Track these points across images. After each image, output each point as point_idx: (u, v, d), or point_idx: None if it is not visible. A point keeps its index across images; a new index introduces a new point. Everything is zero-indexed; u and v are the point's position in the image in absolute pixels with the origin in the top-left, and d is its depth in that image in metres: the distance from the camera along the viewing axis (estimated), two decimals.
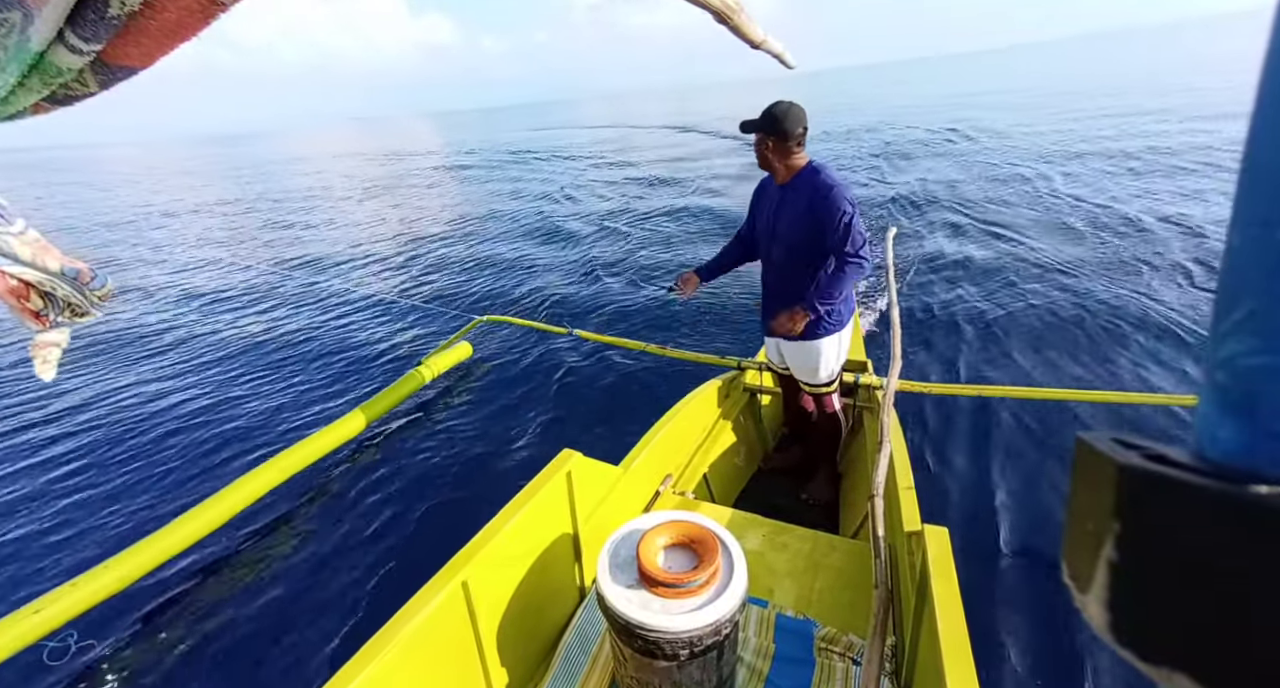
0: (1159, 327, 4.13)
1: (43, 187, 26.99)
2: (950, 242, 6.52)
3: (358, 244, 9.05)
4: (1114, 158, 9.77)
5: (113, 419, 4.07)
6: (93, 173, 34.98)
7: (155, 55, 0.36)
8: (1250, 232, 0.18)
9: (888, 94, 37.77)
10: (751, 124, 2.06)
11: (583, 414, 3.70)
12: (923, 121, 18.36)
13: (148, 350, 5.35)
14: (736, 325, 4.85)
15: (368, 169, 23.26)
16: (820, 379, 2.31)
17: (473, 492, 3.03)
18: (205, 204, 15.99)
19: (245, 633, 2.30)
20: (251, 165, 30.74)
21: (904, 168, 11.07)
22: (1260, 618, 0.15)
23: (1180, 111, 13.67)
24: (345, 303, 6.16)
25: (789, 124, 1.98)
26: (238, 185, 20.60)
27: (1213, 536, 0.16)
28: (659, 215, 9.12)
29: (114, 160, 51.72)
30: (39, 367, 0.70)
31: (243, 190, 18.92)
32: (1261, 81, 0.17)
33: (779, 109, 2.00)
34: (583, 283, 6.32)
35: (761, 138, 2.05)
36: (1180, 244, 5.71)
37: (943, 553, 1.26)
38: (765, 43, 0.55)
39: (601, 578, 1.16)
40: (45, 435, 3.91)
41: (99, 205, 17.58)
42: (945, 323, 4.53)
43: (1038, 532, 2.46)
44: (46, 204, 19.10)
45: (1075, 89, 24.27)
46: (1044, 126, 14.28)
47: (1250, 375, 0.17)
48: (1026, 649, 2.00)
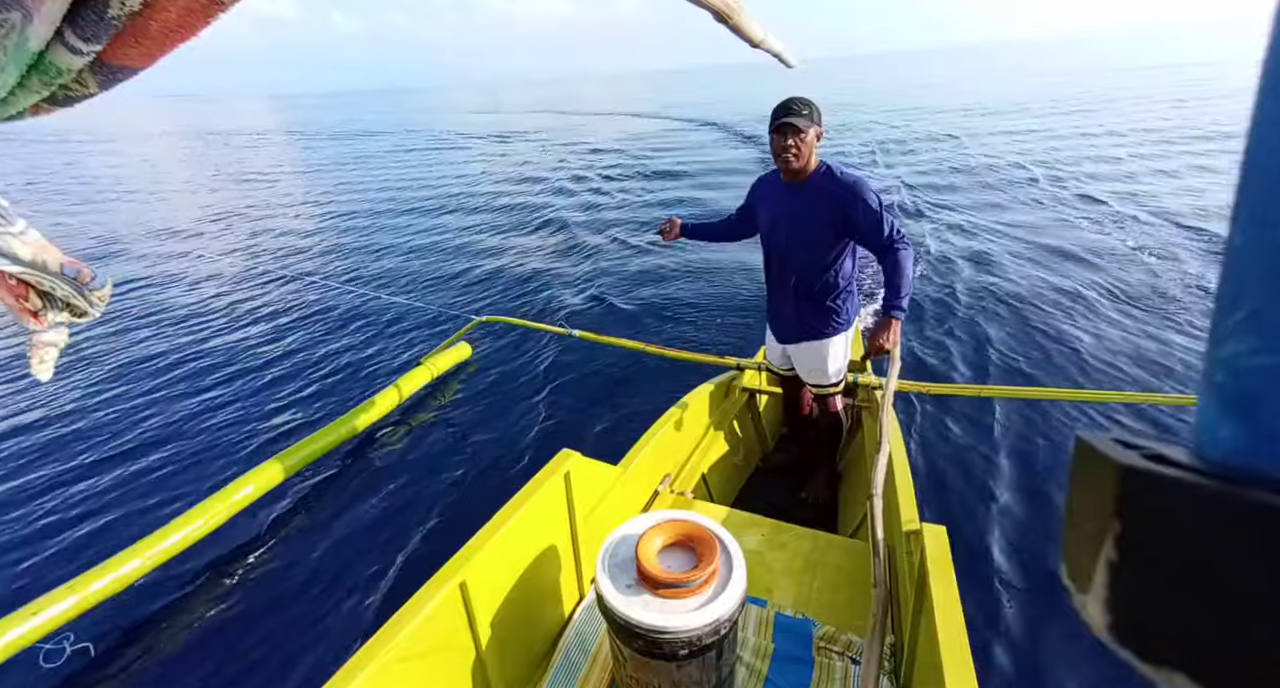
0: (1159, 327, 4.14)
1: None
2: (949, 242, 6.53)
3: (354, 243, 9.05)
4: (1110, 161, 9.79)
5: (111, 419, 4.06)
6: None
7: (155, 55, 0.36)
8: (1250, 232, 0.18)
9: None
10: (801, 119, 1.90)
11: (581, 414, 3.70)
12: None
13: (145, 350, 5.34)
14: (736, 326, 4.85)
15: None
16: (828, 379, 2.30)
17: (471, 492, 3.02)
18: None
19: (243, 635, 2.29)
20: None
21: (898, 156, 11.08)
22: (1260, 618, 0.15)
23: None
24: (344, 303, 6.15)
25: (820, 119, 1.96)
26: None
27: (1213, 536, 0.16)
28: (657, 209, 9.12)
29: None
30: (35, 366, 0.70)
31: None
32: (1261, 82, 0.17)
33: (810, 101, 1.94)
34: (582, 283, 6.31)
35: (818, 130, 1.95)
36: (1180, 244, 5.73)
37: (941, 552, 1.26)
38: (764, 42, 0.56)
39: (600, 578, 1.16)
40: (45, 435, 3.90)
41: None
42: (945, 323, 4.53)
43: (1036, 532, 2.47)
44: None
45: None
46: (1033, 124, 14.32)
47: (1250, 375, 0.17)
48: (1025, 648, 2.00)
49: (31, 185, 14.94)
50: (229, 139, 28.29)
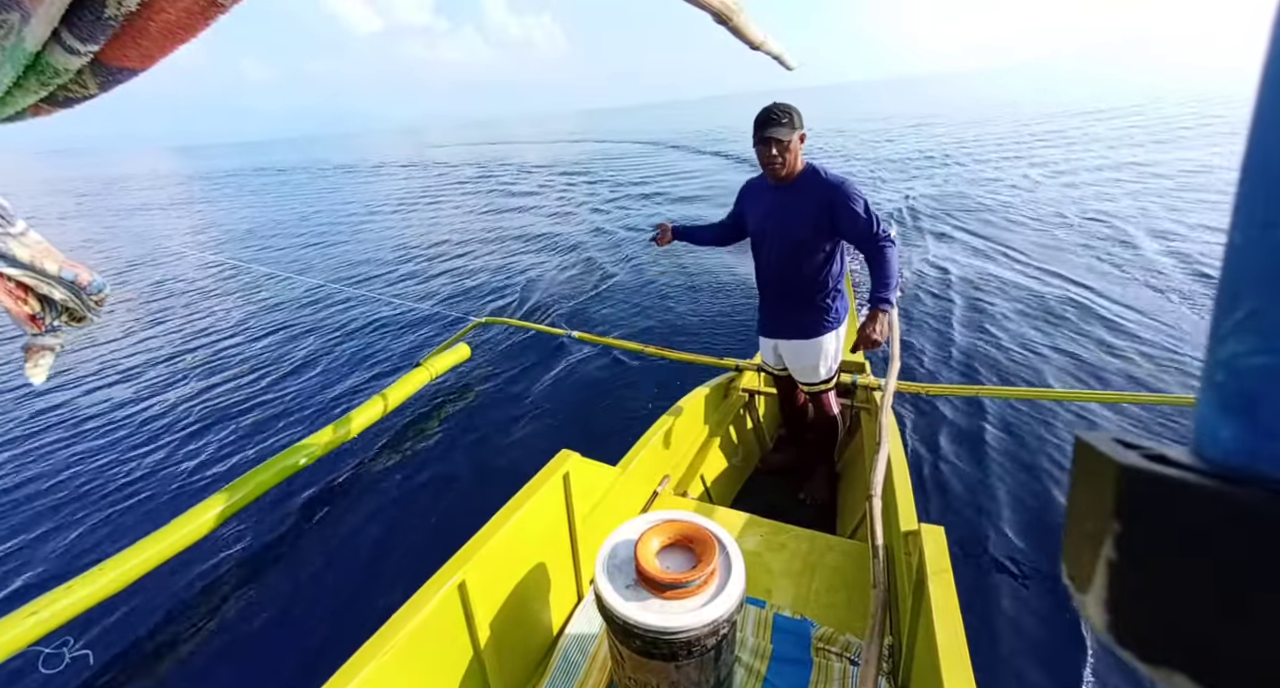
0: (1159, 327, 4.15)
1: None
2: (947, 243, 6.54)
3: (358, 248, 9.05)
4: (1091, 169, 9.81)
5: (110, 420, 4.05)
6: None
7: (155, 56, 0.36)
8: (1250, 232, 0.18)
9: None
10: (786, 126, 1.98)
11: (580, 415, 3.70)
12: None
13: (144, 351, 5.33)
14: (734, 327, 4.86)
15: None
16: (820, 377, 2.31)
17: (470, 492, 3.02)
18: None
19: (241, 635, 2.29)
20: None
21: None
22: (1260, 618, 0.15)
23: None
24: (343, 305, 6.15)
25: (801, 122, 2.01)
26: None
27: (1212, 535, 0.16)
28: (645, 213, 9.13)
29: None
30: (30, 370, 0.69)
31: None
32: (1262, 82, 0.17)
33: (791, 107, 1.98)
34: (581, 285, 6.31)
35: (801, 134, 2.01)
36: (1180, 244, 5.74)
37: (940, 553, 1.26)
38: (765, 44, 0.56)
39: (599, 578, 1.16)
40: (43, 437, 3.89)
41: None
42: (943, 323, 4.54)
43: (1035, 532, 2.47)
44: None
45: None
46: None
47: (1250, 375, 0.17)
48: (1024, 649, 2.00)
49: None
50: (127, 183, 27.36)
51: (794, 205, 2.07)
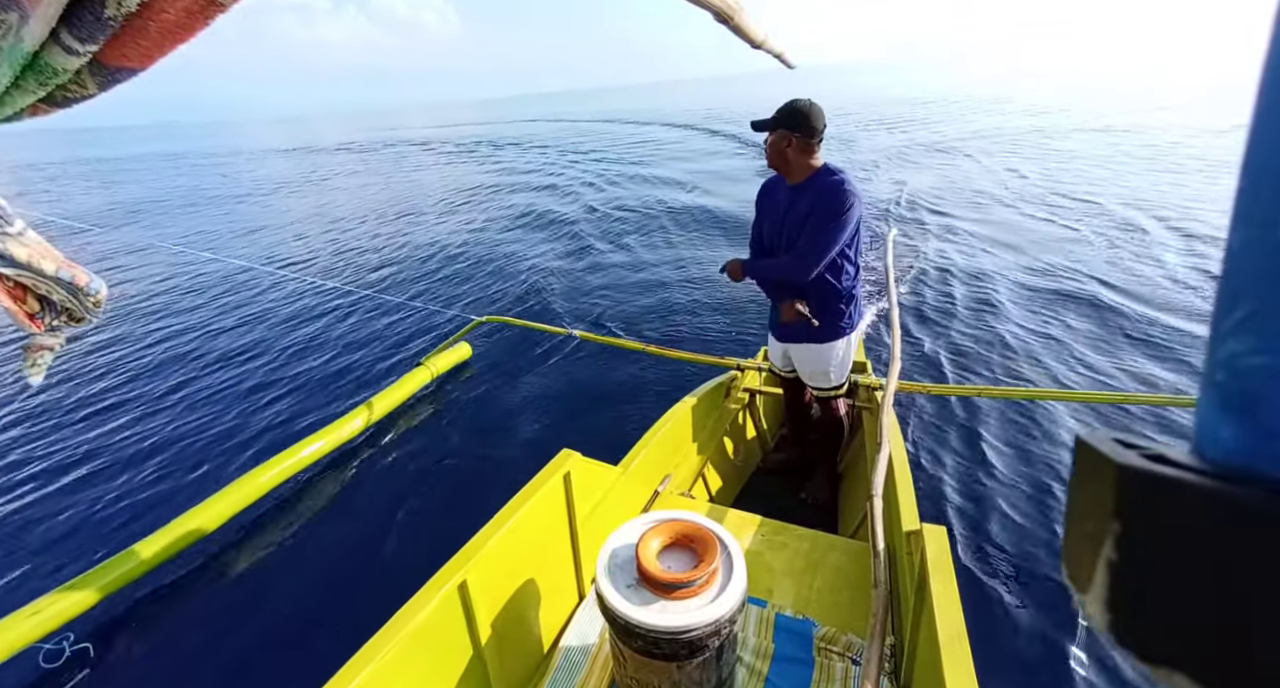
0: (1158, 327, 4.14)
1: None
2: (947, 243, 6.53)
3: (355, 244, 9.05)
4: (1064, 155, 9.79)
5: (110, 420, 4.06)
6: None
7: (154, 56, 0.36)
8: (1250, 232, 0.18)
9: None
10: (770, 122, 1.99)
11: (582, 415, 3.70)
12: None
13: (143, 351, 5.34)
14: (736, 327, 4.85)
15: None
16: (831, 382, 2.28)
17: (471, 492, 3.02)
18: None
19: (242, 635, 2.29)
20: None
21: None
22: (1260, 618, 0.15)
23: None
24: (344, 304, 6.15)
25: (814, 121, 1.94)
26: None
27: (1212, 535, 0.16)
28: (664, 217, 9.13)
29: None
30: (28, 369, 0.69)
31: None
32: (1262, 81, 0.17)
33: (802, 105, 1.95)
34: (583, 284, 6.31)
35: (784, 135, 1.97)
36: (1179, 244, 5.73)
37: (941, 552, 1.26)
38: (766, 43, 0.56)
39: (601, 578, 1.16)
40: (42, 435, 3.90)
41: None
42: (944, 324, 4.54)
43: (1036, 532, 2.47)
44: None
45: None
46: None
47: (1250, 375, 0.17)
48: (1025, 648, 2.00)
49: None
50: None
51: (801, 206, 2.04)
